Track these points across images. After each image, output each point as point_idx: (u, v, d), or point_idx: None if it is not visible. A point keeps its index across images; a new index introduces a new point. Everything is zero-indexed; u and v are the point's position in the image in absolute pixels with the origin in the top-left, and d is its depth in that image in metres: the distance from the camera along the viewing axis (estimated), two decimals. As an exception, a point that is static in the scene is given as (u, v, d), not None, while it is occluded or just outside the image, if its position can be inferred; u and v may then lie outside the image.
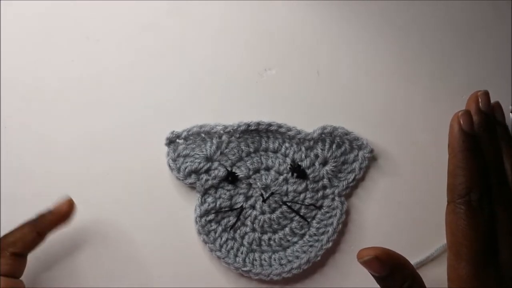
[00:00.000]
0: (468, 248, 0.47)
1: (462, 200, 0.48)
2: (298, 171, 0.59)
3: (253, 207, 0.59)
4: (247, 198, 0.59)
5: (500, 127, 0.54)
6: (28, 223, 0.54)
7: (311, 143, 0.59)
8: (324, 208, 0.59)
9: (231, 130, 0.59)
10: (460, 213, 0.48)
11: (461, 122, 0.50)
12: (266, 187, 0.59)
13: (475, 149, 0.49)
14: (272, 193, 0.59)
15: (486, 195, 0.48)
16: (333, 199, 0.59)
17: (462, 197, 0.48)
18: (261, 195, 0.59)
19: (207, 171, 0.59)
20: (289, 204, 0.59)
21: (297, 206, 0.59)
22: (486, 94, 0.52)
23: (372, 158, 0.60)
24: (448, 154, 0.50)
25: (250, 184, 0.59)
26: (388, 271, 0.47)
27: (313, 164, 0.59)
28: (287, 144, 0.60)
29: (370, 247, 0.48)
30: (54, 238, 0.57)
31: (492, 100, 0.54)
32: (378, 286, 0.49)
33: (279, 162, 0.59)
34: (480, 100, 0.52)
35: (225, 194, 0.59)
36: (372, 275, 0.48)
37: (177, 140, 0.59)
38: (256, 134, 0.60)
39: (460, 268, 0.47)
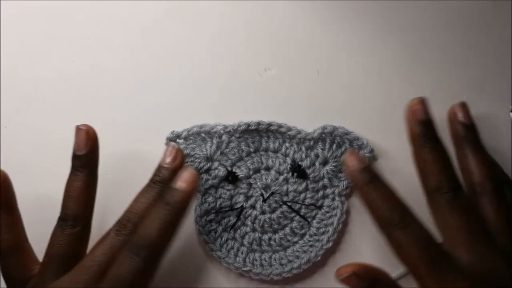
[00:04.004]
0: (461, 237, 0.48)
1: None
2: (298, 171, 0.58)
3: (253, 207, 0.59)
4: (248, 198, 0.59)
5: (462, 127, 0.54)
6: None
7: (311, 142, 0.59)
8: (325, 208, 0.59)
9: (231, 130, 0.59)
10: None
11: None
12: (266, 187, 0.59)
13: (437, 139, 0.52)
14: (273, 193, 0.59)
15: (459, 187, 0.51)
16: (333, 199, 0.59)
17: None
18: (262, 195, 0.59)
19: (207, 171, 0.59)
20: (289, 204, 0.59)
21: (298, 206, 0.58)
22: (421, 102, 0.53)
23: (372, 158, 0.60)
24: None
25: (250, 184, 0.59)
26: (366, 284, 0.49)
27: (314, 164, 0.59)
28: (287, 144, 0.59)
29: (348, 264, 0.50)
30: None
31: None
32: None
33: (280, 162, 0.59)
34: (417, 110, 0.53)
35: (225, 194, 0.59)
36: None
37: (177, 140, 0.59)
38: (256, 134, 0.60)
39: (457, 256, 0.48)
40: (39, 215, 0.57)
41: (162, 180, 0.53)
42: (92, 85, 0.62)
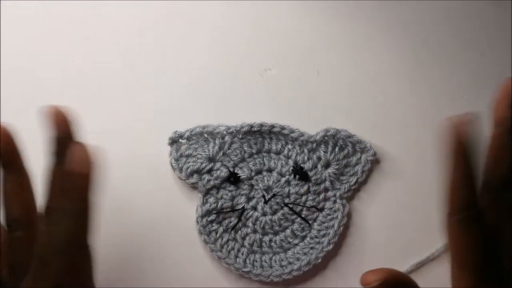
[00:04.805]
0: (472, 260, 0.46)
1: (465, 213, 0.45)
2: (300, 173, 0.58)
3: (254, 208, 0.59)
4: (249, 199, 0.59)
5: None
6: None
7: (314, 145, 0.59)
8: (326, 210, 0.59)
9: (234, 131, 0.59)
10: (462, 226, 0.46)
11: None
12: (268, 189, 0.59)
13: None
14: (274, 195, 0.59)
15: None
16: (334, 202, 0.59)
17: (464, 210, 0.45)
18: (263, 196, 0.59)
19: (209, 172, 0.59)
20: (290, 206, 0.59)
21: (299, 208, 0.59)
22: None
23: (375, 161, 0.60)
24: (452, 164, 0.45)
25: (252, 185, 0.59)
26: None
27: (316, 167, 0.59)
28: (289, 146, 0.59)
29: (373, 270, 0.45)
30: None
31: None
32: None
33: (282, 163, 0.59)
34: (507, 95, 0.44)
35: (226, 194, 0.59)
36: None
37: (180, 140, 0.59)
38: (259, 135, 0.60)
39: (465, 281, 0.46)
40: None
41: None
42: (92, 86, 0.62)
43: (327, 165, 0.59)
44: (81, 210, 0.42)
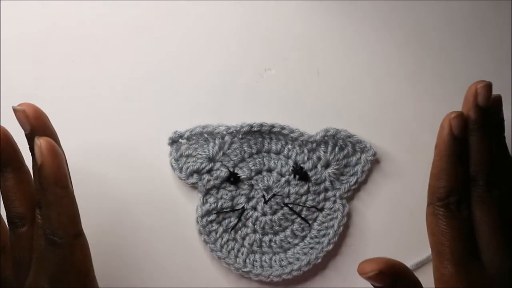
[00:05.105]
0: (449, 248, 0.46)
1: (441, 203, 0.47)
2: (300, 173, 0.58)
3: (254, 208, 0.59)
4: (249, 199, 0.59)
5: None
6: None
7: (314, 145, 0.59)
8: (326, 210, 0.59)
9: (234, 131, 0.59)
10: (439, 214, 0.47)
11: (452, 125, 0.47)
12: (268, 189, 0.59)
13: (462, 154, 0.48)
14: (274, 195, 0.59)
15: (465, 199, 0.47)
16: (334, 202, 0.59)
17: (441, 200, 0.48)
18: (263, 196, 0.59)
19: (209, 172, 0.59)
20: (290, 206, 0.59)
21: (299, 208, 0.59)
22: (487, 87, 0.48)
23: (375, 161, 0.60)
24: (434, 155, 0.49)
25: (252, 185, 0.59)
26: (390, 281, 0.46)
27: (316, 167, 0.59)
28: (289, 146, 0.59)
29: (370, 260, 0.45)
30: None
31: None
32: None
33: (282, 163, 0.59)
34: (479, 94, 0.48)
35: (226, 194, 0.59)
36: (373, 286, 0.48)
37: (180, 140, 0.59)
38: (259, 135, 0.59)
39: (442, 267, 0.47)
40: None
41: None
42: (92, 86, 0.61)
43: (327, 165, 0.59)
44: (58, 201, 0.43)
